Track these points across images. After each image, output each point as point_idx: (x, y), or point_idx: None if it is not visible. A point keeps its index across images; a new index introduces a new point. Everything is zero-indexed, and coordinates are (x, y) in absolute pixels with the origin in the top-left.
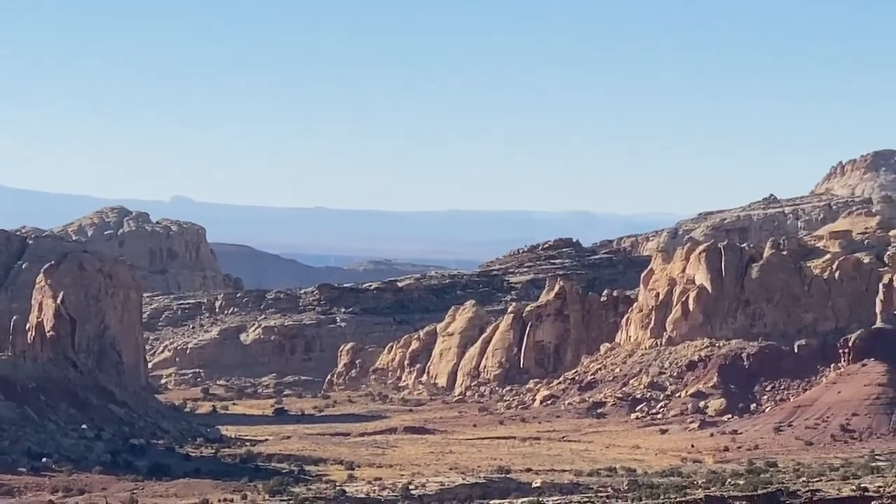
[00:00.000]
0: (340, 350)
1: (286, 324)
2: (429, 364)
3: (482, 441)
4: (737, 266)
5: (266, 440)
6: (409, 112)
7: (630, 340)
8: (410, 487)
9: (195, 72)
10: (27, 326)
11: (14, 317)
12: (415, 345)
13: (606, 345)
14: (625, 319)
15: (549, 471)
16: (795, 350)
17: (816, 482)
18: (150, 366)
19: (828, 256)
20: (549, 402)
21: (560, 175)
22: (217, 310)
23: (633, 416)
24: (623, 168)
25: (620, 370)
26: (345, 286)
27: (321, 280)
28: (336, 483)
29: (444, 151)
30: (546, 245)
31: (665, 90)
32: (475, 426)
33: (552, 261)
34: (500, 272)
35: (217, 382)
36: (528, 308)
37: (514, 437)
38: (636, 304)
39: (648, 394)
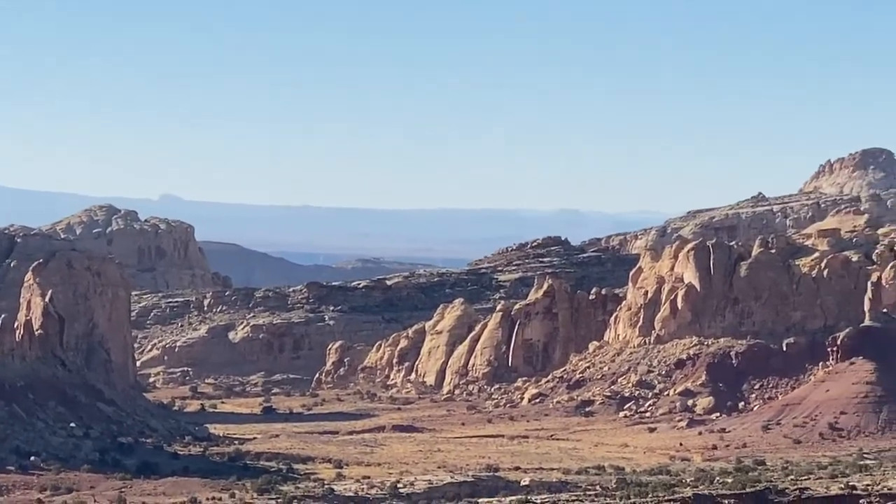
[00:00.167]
0: (329, 348)
1: (275, 322)
2: (417, 362)
3: (470, 439)
4: (725, 264)
5: (254, 438)
6: (399, 111)
7: (618, 339)
8: (399, 486)
9: (184, 71)
10: (15, 325)
11: (2, 315)
12: (403, 343)
13: (595, 343)
14: (613, 318)
15: (538, 469)
16: (784, 348)
17: (805, 480)
18: (139, 364)
19: (816, 255)
20: (538, 401)
21: (549, 173)
22: (205, 308)
23: (622, 415)
24: (612, 166)
25: (609, 368)
26: (333, 284)
27: (309, 278)
28: (324, 481)
29: (433, 150)
30: (535, 243)
31: (655, 89)
32: (463, 424)
33: (541, 259)
34: (489, 270)
35: (205, 381)
36: (517, 306)
37: (503, 436)
38: (625, 303)
39: (637, 392)
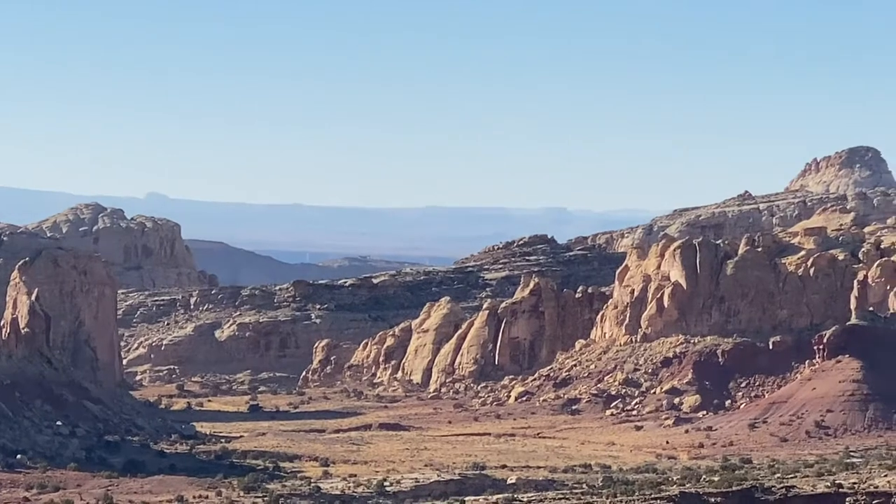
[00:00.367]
0: (315, 346)
1: (261, 320)
2: (404, 360)
3: (457, 438)
4: (711, 263)
5: (241, 437)
6: (385, 109)
7: (605, 337)
8: (385, 484)
9: (171, 68)
10: (1, 323)
11: None
12: (390, 341)
13: (581, 341)
14: (600, 316)
15: (524, 467)
16: (770, 346)
17: (791, 479)
18: (125, 362)
19: (802, 253)
20: (524, 399)
21: (535, 172)
22: (192, 306)
23: (608, 413)
24: (598, 165)
25: (595, 367)
26: (320, 283)
27: (296, 276)
28: (311, 480)
29: (420, 148)
30: (521, 242)
31: (640, 87)
32: (450, 423)
33: (527, 257)
34: (476, 269)
35: (192, 379)
36: (503, 305)
37: (489, 434)
38: (611, 301)
39: (623, 390)
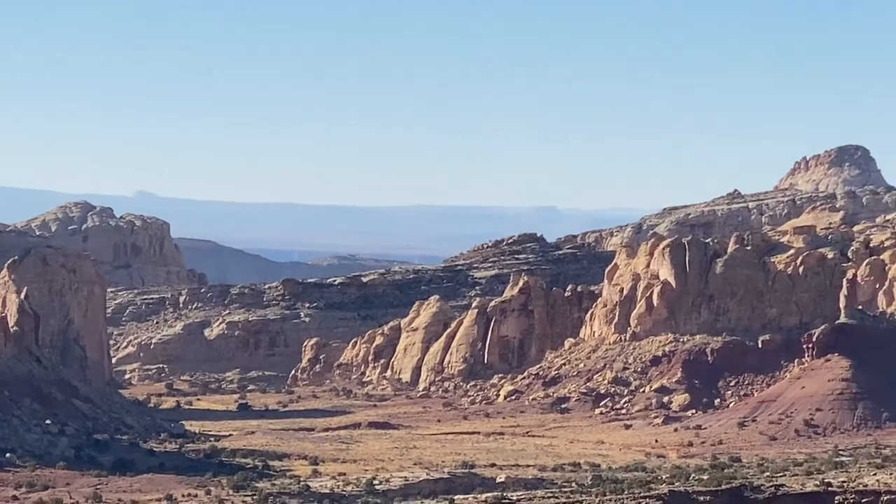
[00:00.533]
0: (304, 345)
1: (250, 319)
2: (393, 359)
3: (446, 436)
4: (701, 261)
5: (230, 435)
6: (375, 108)
7: (594, 336)
8: (374, 482)
9: (161, 67)
10: None
11: None
12: (379, 340)
13: (570, 340)
14: (589, 315)
15: (513, 466)
16: (759, 345)
17: (780, 477)
18: (114, 361)
19: (792, 252)
20: (513, 398)
21: (525, 170)
22: (181, 305)
23: (598, 412)
24: (588, 164)
25: (584, 365)
26: (309, 281)
27: (285, 275)
28: (300, 478)
29: (409, 147)
30: (510, 240)
31: (630, 86)
32: (439, 421)
33: (516, 256)
34: (465, 267)
35: (181, 377)
36: (493, 303)
37: (479, 433)
38: (600, 300)
39: (612, 389)
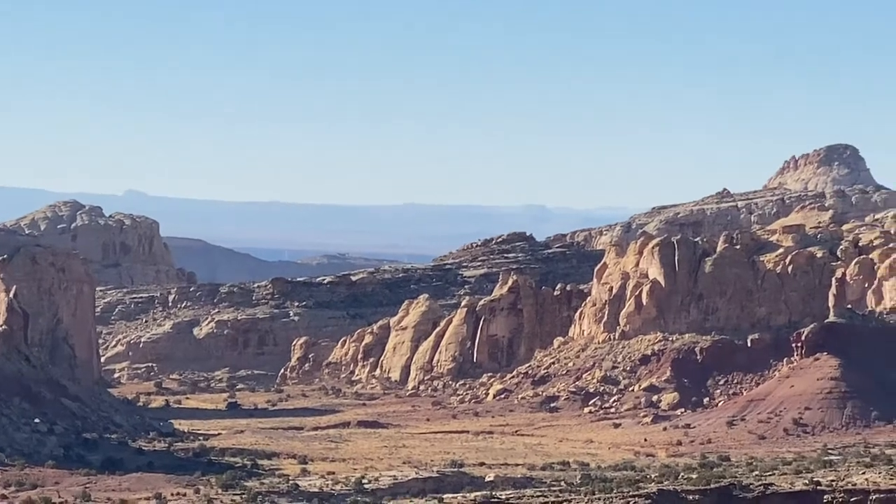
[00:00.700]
0: (294, 344)
1: (239, 318)
2: (382, 358)
3: (435, 435)
4: (690, 260)
5: (219, 434)
6: (364, 107)
7: (583, 334)
8: (364, 481)
9: (150, 67)
10: None
11: None
12: (368, 339)
13: (560, 339)
14: (578, 314)
15: (503, 465)
16: (748, 344)
17: (769, 476)
18: (103, 360)
19: (781, 251)
20: (503, 397)
21: (514, 169)
22: (170, 304)
23: (587, 411)
24: (577, 162)
25: (574, 364)
26: (298, 280)
27: (275, 274)
28: (289, 477)
29: (399, 146)
30: (499, 239)
31: (619, 84)
32: (428, 420)
33: (506, 255)
34: (454, 266)
35: (170, 376)
36: (482, 302)
37: (468, 432)
38: (589, 299)
39: (602, 388)
